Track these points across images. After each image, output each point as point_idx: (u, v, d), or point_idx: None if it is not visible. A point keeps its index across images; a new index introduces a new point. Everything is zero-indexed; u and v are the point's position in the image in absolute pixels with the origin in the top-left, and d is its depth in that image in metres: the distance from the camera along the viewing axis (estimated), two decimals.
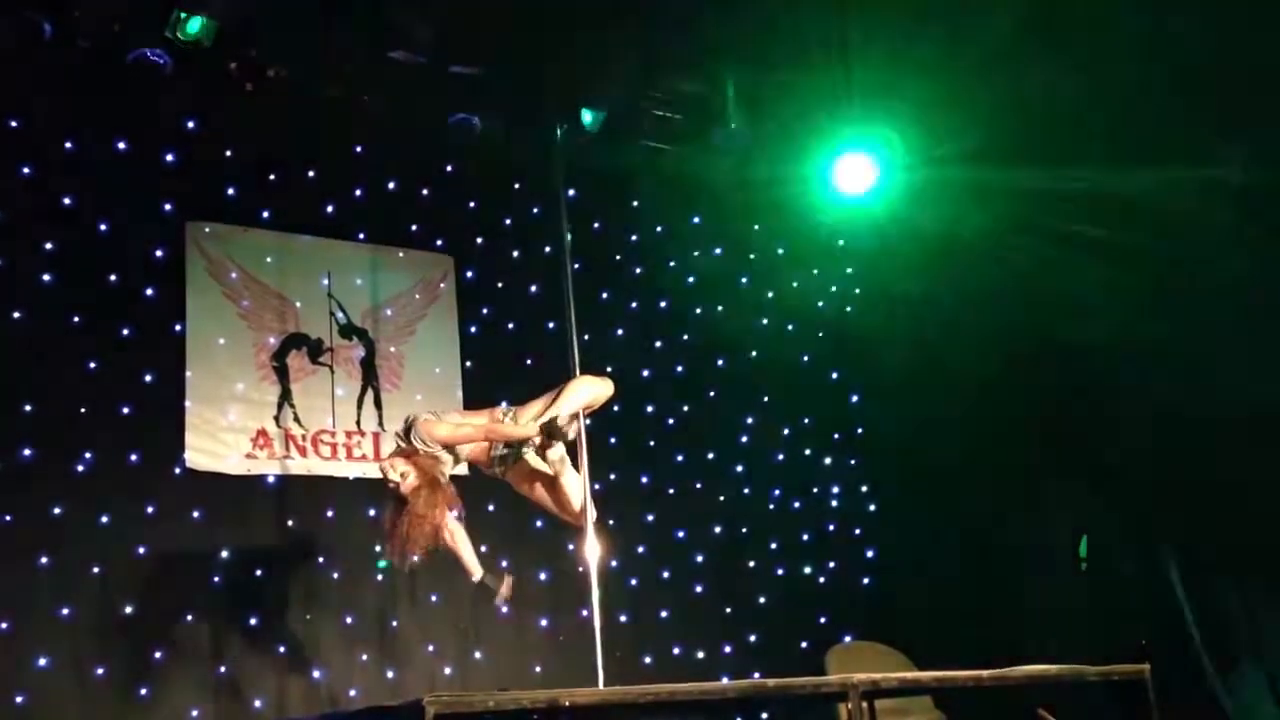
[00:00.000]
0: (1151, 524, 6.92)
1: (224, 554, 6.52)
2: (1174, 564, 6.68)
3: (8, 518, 6.07)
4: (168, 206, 6.82)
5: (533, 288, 7.67)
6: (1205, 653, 6.46)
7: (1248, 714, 6.29)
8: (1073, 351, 7.27)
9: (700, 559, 7.81)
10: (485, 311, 7.59)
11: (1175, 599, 6.61)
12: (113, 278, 6.60)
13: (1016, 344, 7.59)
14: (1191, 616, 6.55)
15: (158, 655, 6.23)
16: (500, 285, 7.69)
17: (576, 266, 5.82)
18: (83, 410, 6.35)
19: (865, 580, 8.24)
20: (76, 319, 6.46)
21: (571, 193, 6.18)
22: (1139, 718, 4.73)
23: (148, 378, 6.57)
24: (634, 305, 8.06)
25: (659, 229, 8.24)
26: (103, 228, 6.63)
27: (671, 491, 7.84)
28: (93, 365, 6.45)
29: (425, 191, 7.56)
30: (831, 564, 8.20)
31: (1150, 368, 6.87)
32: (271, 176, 7.12)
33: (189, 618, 6.36)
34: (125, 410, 6.47)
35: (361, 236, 7.36)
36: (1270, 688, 6.28)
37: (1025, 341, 7.55)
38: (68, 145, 6.61)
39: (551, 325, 6.81)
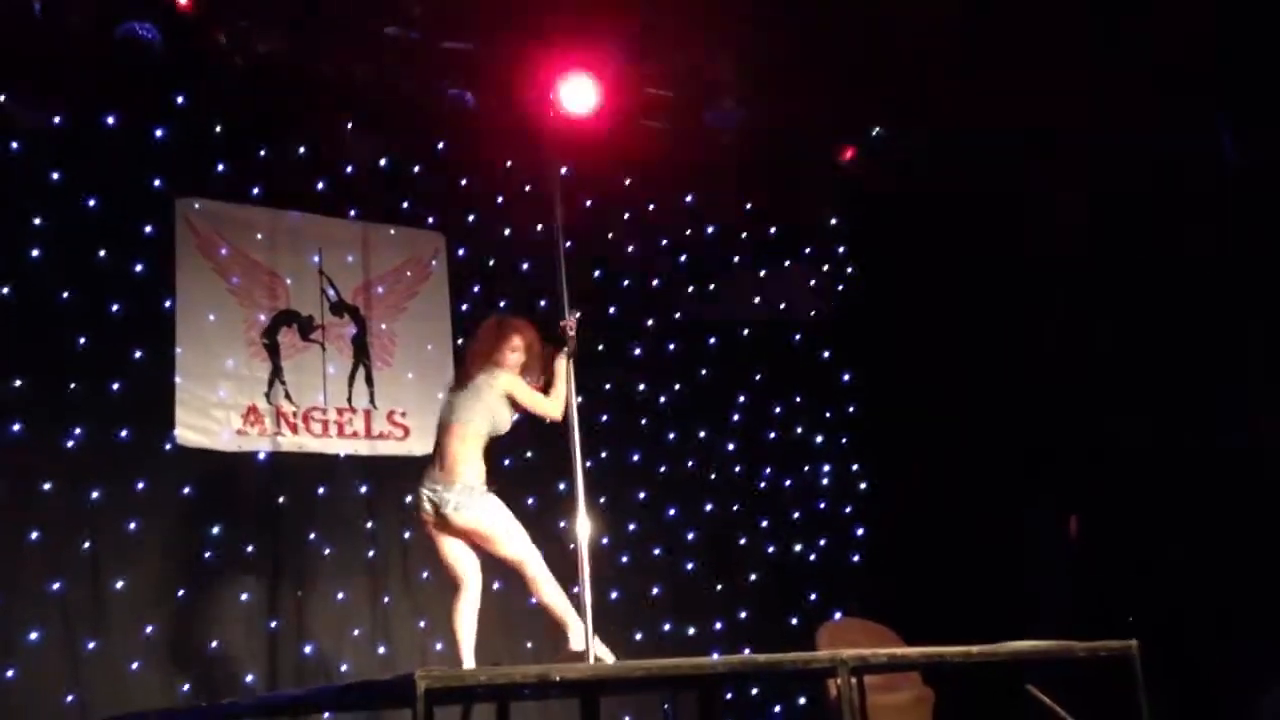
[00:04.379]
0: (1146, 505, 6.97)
1: (215, 530, 6.52)
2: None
3: None
4: (157, 182, 6.79)
5: (525, 265, 7.66)
6: None
7: None
8: (1072, 328, 7.29)
9: (691, 536, 7.84)
10: (477, 289, 7.58)
11: None
12: (102, 254, 6.58)
13: (1012, 321, 7.60)
14: None
15: (148, 630, 6.24)
16: (492, 263, 7.67)
17: (569, 244, 5.81)
18: (72, 386, 6.34)
19: (855, 558, 8.27)
20: (66, 295, 6.43)
21: (564, 170, 6.16)
22: (1127, 694, 4.75)
23: (137, 354, 6.56)
24: (626, 283, 8.05)
25: (651, 207, 8.23)
26: (91, 203, 6.61)
27: (663, 469, 7.86)
28: (82, 341, 6.43)
29: (417, 168, 7.54)
30: (822, 541, 8.23)
31: (1149, 347, 6.90)
32: (262, 152, 7.09)
33: (180, 593, 6.36)
34: (115, 386, 6.46)
35: (353, 213, 7.33)
36: None
37: (1022, 317, 7.56)
38: (56, 120, 6.57)
39: (544, 303, 6.79)
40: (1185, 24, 6.28)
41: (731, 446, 8.15)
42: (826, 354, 8.63)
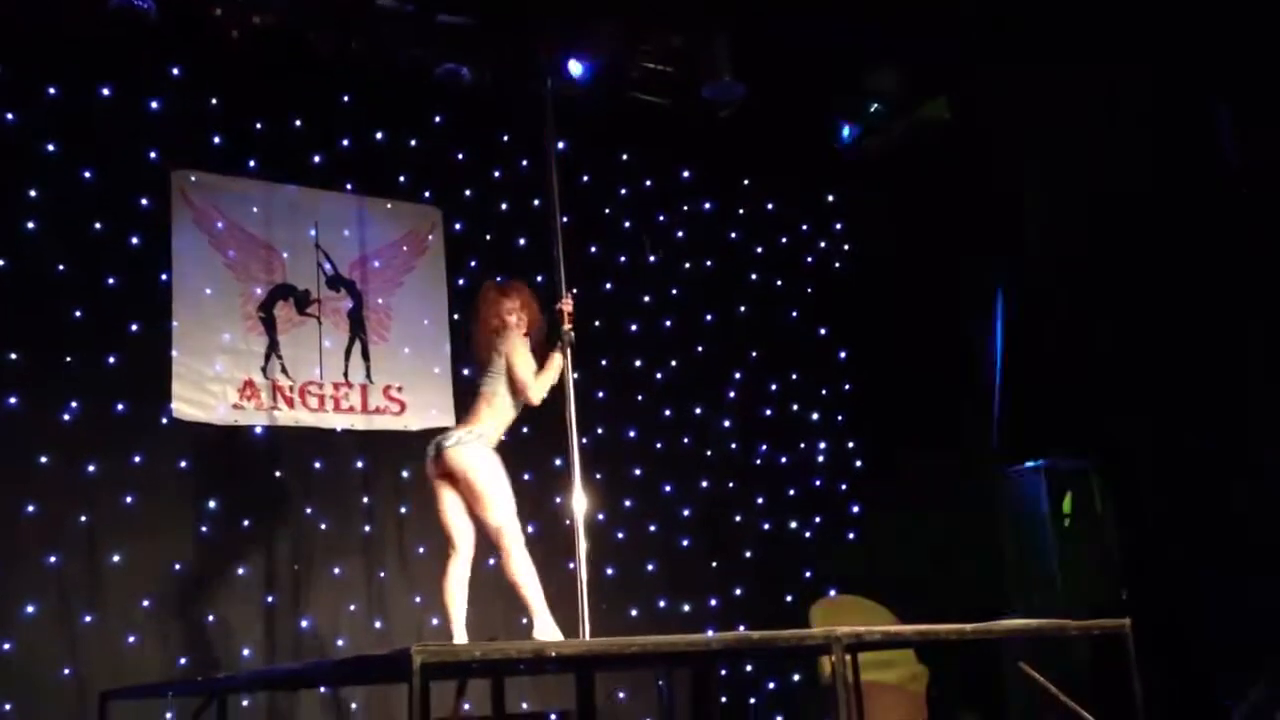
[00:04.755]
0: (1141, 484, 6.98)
1: (211, 504, 6.52)
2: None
3: None
4: (153, 155, 6.76)
5: (521, 240, 7.64)
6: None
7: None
8: (1063, 310, 7.28)
9: (687, 513, 7.85)
10: (474, 264, 7.55)
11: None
12: (98, 226, 6.56)
13: (1008, 298, 7.60)
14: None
15: (145, 604, 6.25)
16: (489, 238, 7.66)
17: (565, 220, 5.79)
18: (69, 359, 6.33)
19: (850, 535, 8.29)
20: (61, 268, 6.42)
21: (561, 145, 6.13)
22: (1119, 672, 4.77)
23: (134, 327, 6.55)
24: (622, 259, 8.04)
25: (648, 183, 8.22)
26: (87, 175, 6.58)
27: (659, 446, 7.86)
28: (78, 314, 6.42)
29: (413, 142, 7.51)
30: (817, 518, 8.25)
31: (1149, 324, 6.90)
32: (258, 125, 7.06)
33: (177, 567, 6.37)
34: (111, 360, 6.45)
35: (349, 187, 7.31)
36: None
37: (1018, 293, 7.56)
38: (51, 92, 6.54)
39: (540, 279, 6.79)
40: (1185, 23, 6.25)
41: (727, 423, 8.15)
42: (823, 331, 8.63)
